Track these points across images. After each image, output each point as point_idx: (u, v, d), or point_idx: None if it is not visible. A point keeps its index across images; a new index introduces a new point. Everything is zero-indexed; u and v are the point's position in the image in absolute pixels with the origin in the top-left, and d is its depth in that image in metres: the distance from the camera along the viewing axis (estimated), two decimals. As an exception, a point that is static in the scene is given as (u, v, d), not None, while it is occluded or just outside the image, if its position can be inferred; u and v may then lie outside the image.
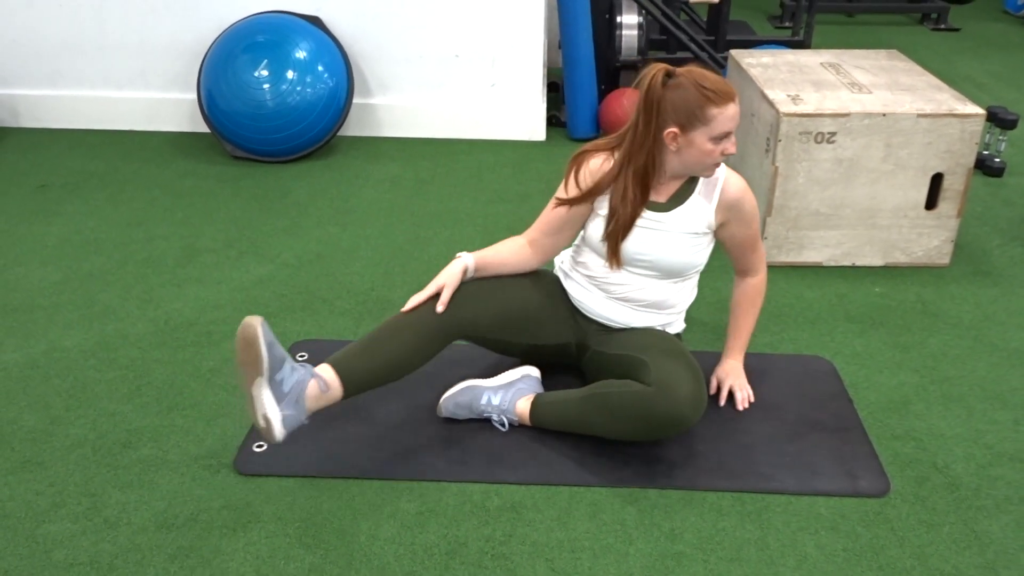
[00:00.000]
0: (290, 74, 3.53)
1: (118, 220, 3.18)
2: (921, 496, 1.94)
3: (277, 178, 3.54)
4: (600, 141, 2.07)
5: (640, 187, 1.97)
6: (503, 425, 2.09)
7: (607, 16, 4.04)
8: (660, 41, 4.91)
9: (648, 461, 2.02)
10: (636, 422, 1.93)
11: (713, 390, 2.22)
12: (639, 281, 2.07)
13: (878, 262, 2.92)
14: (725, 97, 1.88)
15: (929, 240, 2.88)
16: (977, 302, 2.72)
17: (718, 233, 2.09)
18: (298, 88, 3.54)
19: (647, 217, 2.02)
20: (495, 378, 2.15)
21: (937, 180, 2.80)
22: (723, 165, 2.05)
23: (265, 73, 3.52)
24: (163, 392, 2.26)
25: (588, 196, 2.03)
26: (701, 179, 2.04)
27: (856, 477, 1.98)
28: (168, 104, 3.98)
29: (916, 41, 5.70)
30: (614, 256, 2.04)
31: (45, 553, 1.77)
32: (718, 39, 4.80)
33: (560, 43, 3.91)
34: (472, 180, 3.56)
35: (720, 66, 4.27)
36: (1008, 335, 2.55)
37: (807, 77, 3.05)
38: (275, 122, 3.55)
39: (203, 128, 3.92)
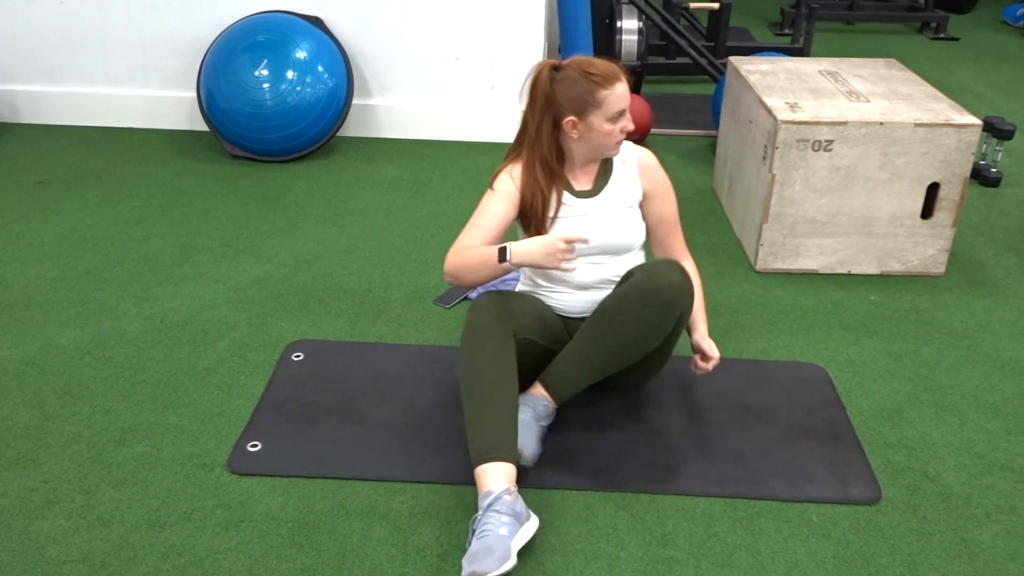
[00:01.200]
0: (290, 74, 3.54)
1: (116, 218, 3.19)
2: (912, 504, 1.95)
3: (275, 178, 3.55)
4: (500, 167, 2.13)
5: (546, 175, 2.04)
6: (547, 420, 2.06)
7: (607, 21, 4.05)
8: (660, 46, 4.93)
9: (641, 466, 2.02)
10: (635, 313, 1.94)
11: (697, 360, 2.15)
12: (596, 266, 2.12)
13: (873, 270, 2.93)
14: (611, 78, 1.96)
15: (924, 249, 2.89)
16: (971, 311, 2.73)
17: (643, 207, 2.17)
18: (298, 88, 3.55)
19: (581, 205, 2.09)
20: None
21: (933, 189, 2.81)
22: (627, 142, 2.14)
23: (265, 73, 3.53)
24: (158, 390, 2.26)
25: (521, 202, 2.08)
26: (615, 161, 2.14)
27: (848, 484, 1.98)
28: (168, 102, 3.98)
29: (915, 50, 5.72)
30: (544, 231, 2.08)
31: (38, 550, 1.77)
32: (718, 45, 4.82)
33: (560, 47, 3.92)
34: (470, 182, 3.57)
35: (719, 71, 4.28)
36: (1001, 345, 2.56)
37: (805, 85, 3.06)
38: (274, 122, 3.55)
39: (202, 126, 3.92)
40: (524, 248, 1.90)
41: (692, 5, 4.86)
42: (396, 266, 2.90)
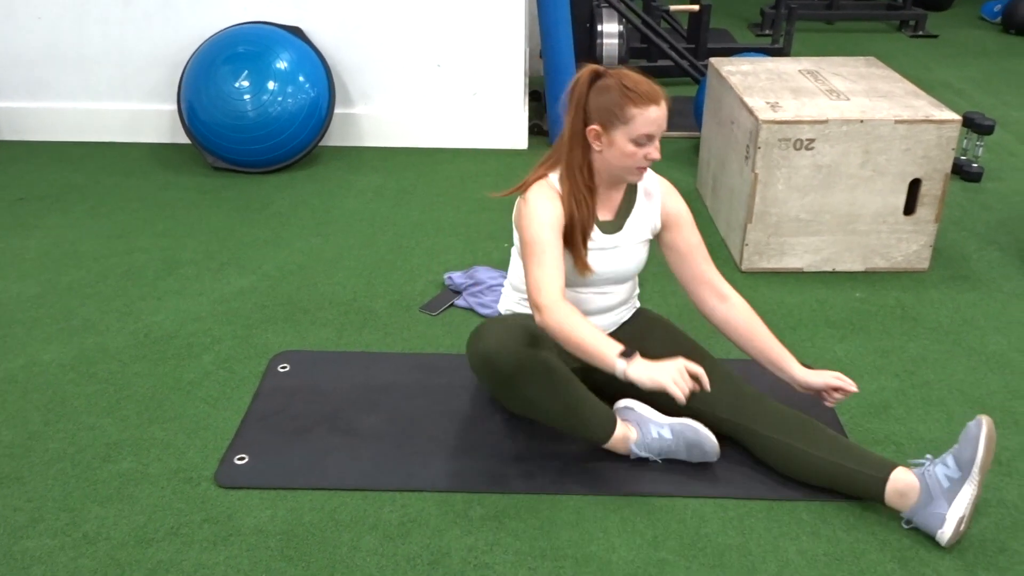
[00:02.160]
0: (271, 85, 3.53)
1: (98, 232, 3.17)
2: (902, 500, 1.95)
3: (258, 189, 3.54)
4: (534, 173, 2.03)
5: (587, 187, 1.97)
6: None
7: (588, 25, 4.06)
8: (641, 49, 4.94)
9: (630, 468, 2.02)
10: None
11: (824, 397, 2.06)
12: (607, 294, 2.10)
13: (858, 267, 2.94)
14: (646, 98, 1.87)
15: (908, 245, 2.90)
16: (956, 306, 2.74)
17: (669, 238, 2.11)
18: (279, 99, 3.54)
19: (604, 240, 2.03)
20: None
21: (915, 186, 2.82)
22: (651, 171, 2.09)
23: (246, 84, 3.52)
24: (143, 405, 2.24)
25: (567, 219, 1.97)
26: (640, 188, 2.08)
27: (837, 482, 1.98)
28: (149, 115, 3.97)
29: (895, 48, 5.76)
30: (582, 262, 2.00)
31: (23, 569, 1.75)
32: (698, 47, 4.84)
33: (541, 52, 3.92)
34: (454, 189, 3.56)
35: (700, 73, 4.30)
36: (986, 339, 2.57)
37: (786, 84, 3.07)
38: (256, 133, 3.54)
39: (184, 139, 3.91)
40: (646, 365, 1.80)
41: (672, 8, 4.87)
42: (381, 275, 2.89)
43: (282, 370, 2.37)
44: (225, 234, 3.16)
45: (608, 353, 1.81)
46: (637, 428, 2.02)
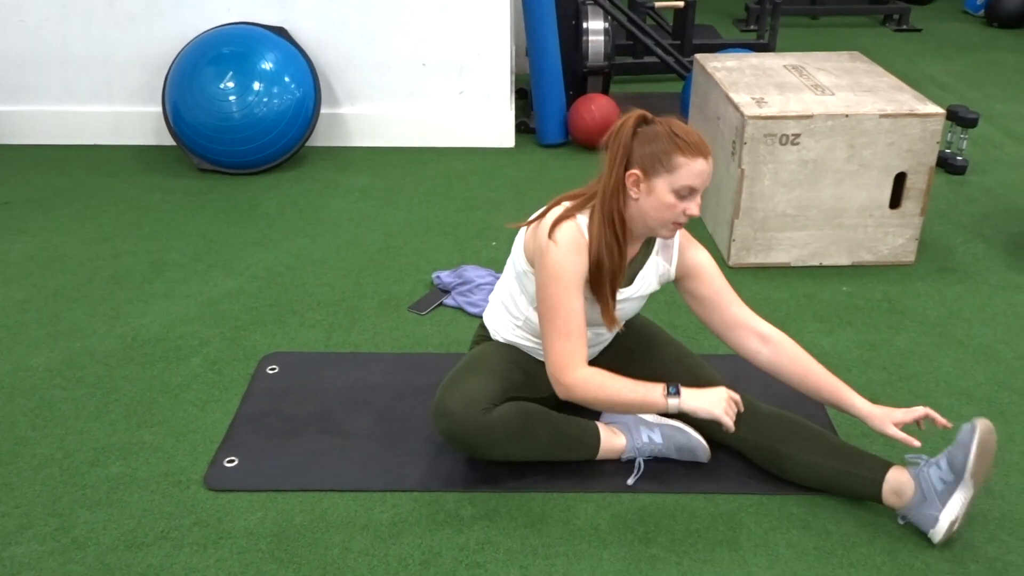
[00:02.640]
0: (256, 85, 3.52)
1: (84, 236, 3.15)
2: (890, 492, 1.96)
3: (245, 190, 3.52)
4: (564, 209, 1.87)
5: (619, 234, 1.83)
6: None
7: (573, 22, 4.06)
8: (626, 46, 4.95)
9: (620, 465, 2.02)
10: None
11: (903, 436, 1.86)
12: (600, 333, 2.05)
13: (845, 261, 2.95)
14: (695, 150, 1.77)
15: (894, 239, 2.91)
16: (942, 299, 2.75)
17: (691, 286, 2.01)
18: (265, 99, 3.53)
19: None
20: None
21: (900, 179, 2.84)
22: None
23: (231, 85, 3.50)
24: (131, 409, 2.23)
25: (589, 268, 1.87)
26: (658, 240, 1.98)
27: (826, 475, 1.99)
28: (133, 117, 3.94)
29: (879, 42, 5.78)
30: (610, 316, 1.89)
31: (12, 576, 1.74)
32: (684, 43, 4.84)
33: (527, 50, 3.92)
34: (442, 188, 3.56)
35: (686, 69, 4.30)
36: (972, 331, 2.58)
37: (771, 80, 3.08)
38: (242, 134, 3.53)
39: (169, 141, 3.89)
40: (695, 394, 1.83)
41: (657, 4, 4.88)
42: (370, 275, 2.89)
43: (271, 372, 2.36)
44: (212, 236, 3.15)
45: (655, 398, 1.83)
46: (626, 433, 2.02)
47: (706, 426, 2.01)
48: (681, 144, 1.77)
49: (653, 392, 1.83)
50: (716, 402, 1.83)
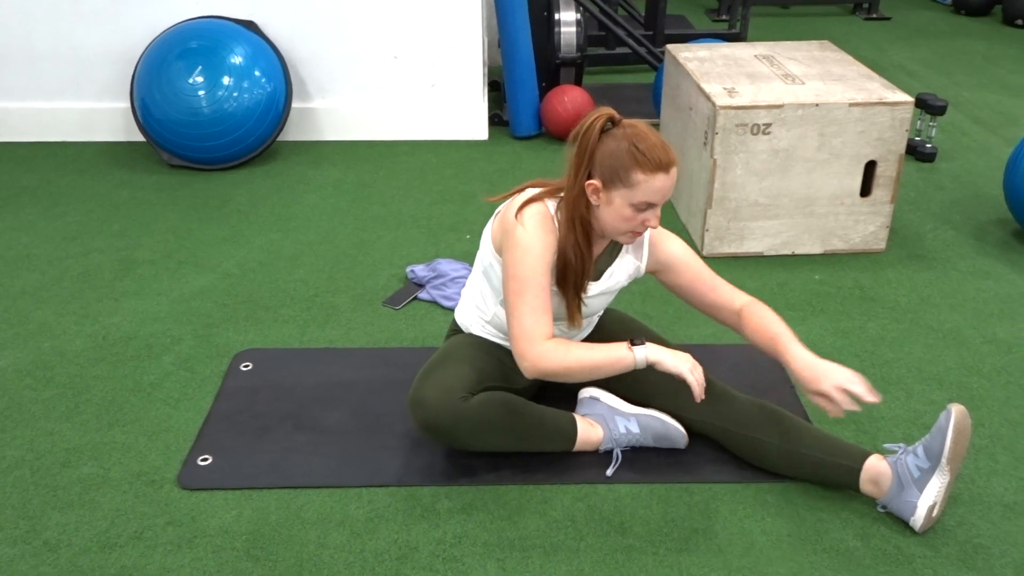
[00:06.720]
0: (226, 80, 3.48)
1: (52, 234, 3.11)
2: (863, 478, 1.98)
3: (216, 186, 3.49)
4: (532, 194, 1.87)
5: (584, 235, 1.84)
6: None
7: (545, 14, 4.05)
8: (599, 37, 4.95)
9: (595, 457, 2.03)
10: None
11: (822, 403, 1.83)
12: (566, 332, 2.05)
13: (817, 250, 2.97)
14: (656, 166, 1.74)
15: (865, 226, 2.94)
16: (912, 286, 2.78)
17: (666, 282, 2.04)
18: (235, 94, 3.49)
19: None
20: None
21: (871, 167, 2.86)
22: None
23: (200, 80, 3.46)
24: (103, 408, 2.21)
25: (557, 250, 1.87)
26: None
27: (800, 462, 2.00)
28: (101, 113, 3.89)
29: (849, 31, 5.82)
30: (573, 315, 1.91)
31: (-18, 580, 1.72)
32: (656, 34, 4.85)
33: (499, 41, 3.91)
34: (415, 181, 3.54)
35: (658, 60, 4.31)
36: (943, 317, 2.61)
37: (742, 70, 3.09)
38: (212, 129, 3.49)
39: (138, 137, 3.84)
40: (662, 348, 1.83)
41: (629, -5, 4.88)
42: (343, 269, 2.87)
43: (244, 369, 2.35)
44: (183, 232, 3.11)
45: (620, 356, 1.82)
46: (603, 424, 2.03)
47: (682, 415, 2.02)
48: (641, 160, 1.74)
49: (618, 348, 1.82)
50: (683, 360, 1.83)
